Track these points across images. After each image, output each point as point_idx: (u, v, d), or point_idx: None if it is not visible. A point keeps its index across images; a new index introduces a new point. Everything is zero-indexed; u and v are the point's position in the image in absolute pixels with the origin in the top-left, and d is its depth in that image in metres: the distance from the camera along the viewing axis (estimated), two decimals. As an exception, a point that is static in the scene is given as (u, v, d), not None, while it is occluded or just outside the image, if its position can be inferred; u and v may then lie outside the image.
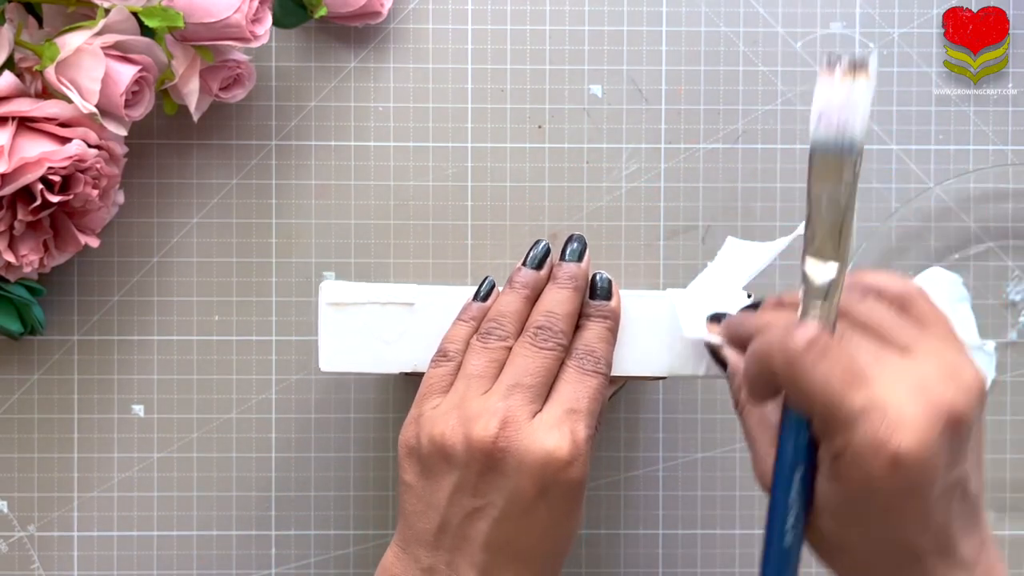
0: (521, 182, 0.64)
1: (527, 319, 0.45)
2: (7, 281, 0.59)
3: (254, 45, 0.57)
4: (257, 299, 0.64)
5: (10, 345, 0.64)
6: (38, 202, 0.54)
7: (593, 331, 0.45)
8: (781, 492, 0.37)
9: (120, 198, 0.61)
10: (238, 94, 0.61)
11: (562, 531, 0.41)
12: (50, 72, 0.53)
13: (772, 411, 0.39)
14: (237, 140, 0.64)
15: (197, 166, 0.64)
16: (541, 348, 0.43)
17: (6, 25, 0.54)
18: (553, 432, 0.40)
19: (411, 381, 0.50)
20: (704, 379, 0.50)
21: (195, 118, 0.60)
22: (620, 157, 0.64)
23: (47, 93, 0.55)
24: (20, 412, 0.64)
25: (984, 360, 0.64)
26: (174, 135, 0.64)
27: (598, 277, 0.47)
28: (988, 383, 0.38)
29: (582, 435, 0.40)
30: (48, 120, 0.54)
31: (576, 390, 0.42)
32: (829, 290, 0.37)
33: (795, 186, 0.64)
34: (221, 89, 0.60)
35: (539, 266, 0.48)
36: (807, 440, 0.36)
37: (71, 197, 0.55)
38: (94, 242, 0.59)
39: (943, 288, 0.64)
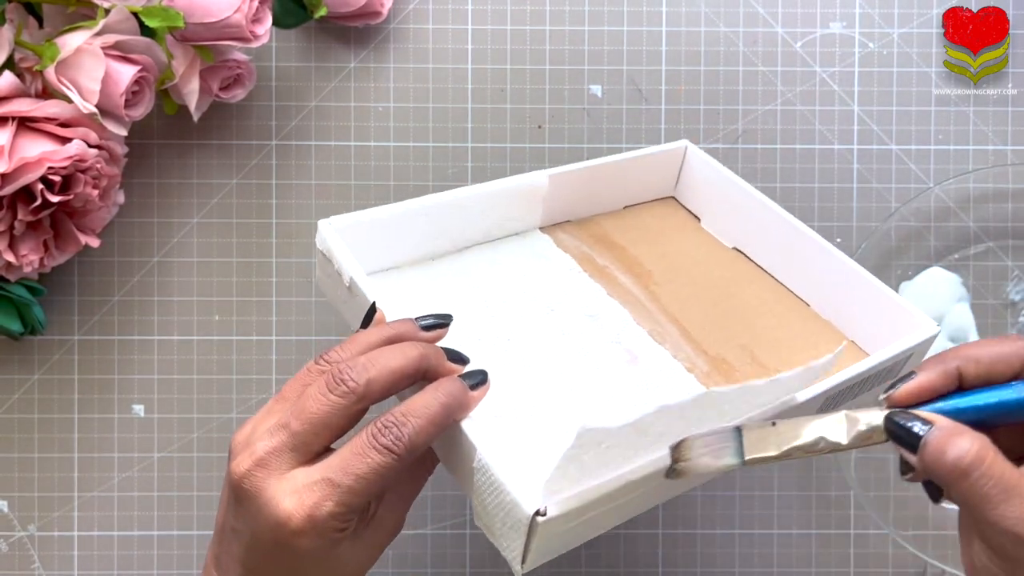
0: (521, 182, 0.64)
1: None
2: (7, 281, 0.59)
3: (254, 45, 0.57)
4: (257, 299, 0.64)
5: (10, 345, 0.64)
6: (38, 202, 0.54)
7: (420, 401, 0.39)
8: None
9: (120, 198, 0.61)
10: (238, 94, 0.61)
11: None
12: (50, 72, 0.53)
13: None
14: (237, 140, 0.64)
15: (197, 166, 0.64)
16: (329, 393, 0.38)
17: (6, 25, 0.54)
18: (293, 497, 0.37)
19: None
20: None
21: (195, 118, 0.60)
22: (620, 157, 0.65)
23: (47, 93, 0.55)
24: (20, 412, 0.64)
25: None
26: (174, 135, 0.64)
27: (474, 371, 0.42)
28: None
29: (324, 511, 0.37)
30: (48, 120, 0.54)
31: (348, 462, 0.37)
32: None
33: (795, 186, 0.64)
34: (221, 89, 0.60)
35: (429, 327, 0.43)
36: None
37: (71, 197, 0.55)
38: (94, 242, 0.59)
39: (943, 288, 0.64)
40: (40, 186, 0.54)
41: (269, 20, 0.58)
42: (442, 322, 0.43)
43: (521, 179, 0.55)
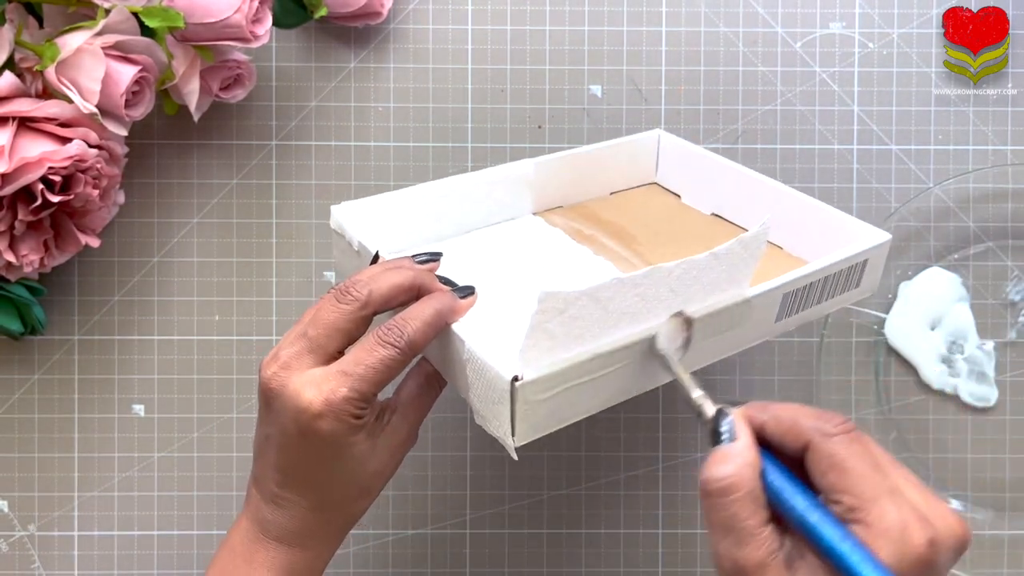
0: (521, 182, 0.64)
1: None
2: (8, 281, 0.59)
3: (254, 45, 0.57)
4: (257, 299, 0.64)
5: (11, 345, 0.64)
6: (39, 202, 0.54)
7: (417, 308, 0.45)
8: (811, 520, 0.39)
9: (120, 198, 0.61)
10: (238, 94, 0.61)
11: (338, 471, 0.45)
12: (50, 72, 0.53)
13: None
14: (237, 140, 0.64)
15: (197, 166, 0.64)
16: (337, 304, 0.45)
17: (7, 25, 0.54)
18: (312, 388, 0.43)
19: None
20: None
21: (195, 118, 0.60)
22: (620, 157, 0.65)
23: (47, 93, 0.55)
24: (21, 412, 0.64)
25: (984, 360, 0.64)
26: (174, 135, 0.64)
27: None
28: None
29: (339, 395, 0.43)
30: (48, 120, 0.54)
31: (360, 355, 0.44)
32: None
33: (795, 186, 0.64)
34: (221, 89, 0.60)
35: (423, 261, 0.49)
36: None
37: (71, 197, 0.55)
38: (94, 242, 0.59)
39: (943, 288, 0.64)
40: (40, 186, 0.54)
41: (269, 20, 0.58)
42: (434, 257, 0.50)
43: (510, 167, 0.59)
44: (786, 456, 0.40)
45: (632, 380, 0.46)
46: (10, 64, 0.54)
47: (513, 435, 0.43)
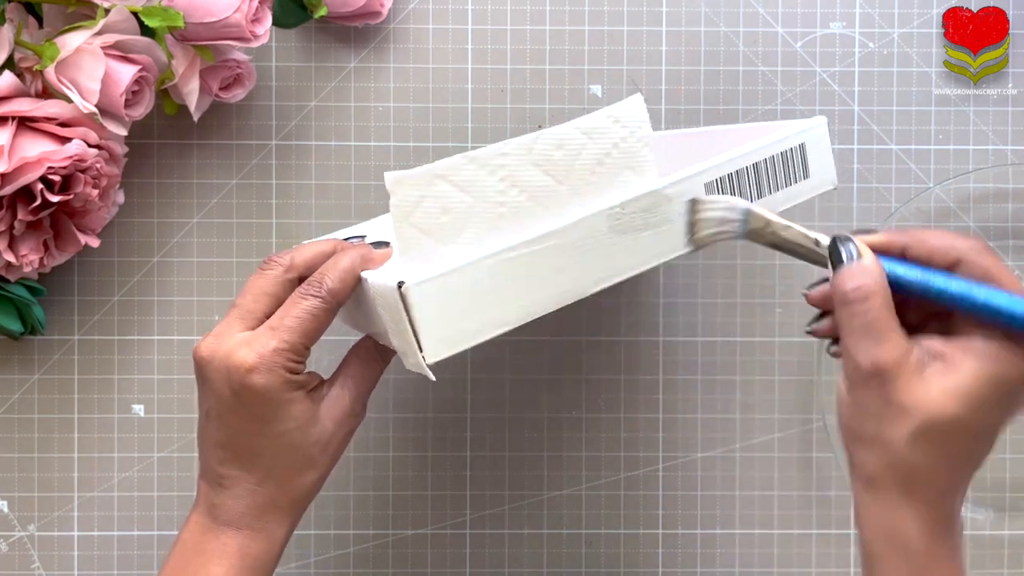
0: (521, 182, 0.64)
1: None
2: (7, 281, 0.59)
3: (254, 45, 0.57)
4: (257, 299, 0.64)
5: (10, 345, 0.64)
6: (38, 202, 0.54)
7: (335, 259, 0.47)
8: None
9: (120, 198, 0.61)
10: (238, 94, 0.61)
11: (277, 434, 0.45)
12: (50, 72, 0.53)
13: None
14: (237, 140, 0.64)
15: (197, 166, 0.64)
16: (262, 272, 0.47)
17: (6, 25, 0.54)
18: (244, 347, 0.44)
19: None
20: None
21: (195, 118, 0.60)
22: (620, 157, 0.64)
23: (47, 93, 0.55)
24: (20, 412, 0.64)
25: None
26: (174, 135, 0.64)
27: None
28: None
29: (269, 347, 0.44)
30: (48, 120, 0.54)
31: (286, 310, 0.45)
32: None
33: (795, 186, 0.64)
34: (221, 89, 0.60)
35: (349, 239, 0.51)
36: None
37: (71, 197, 0.55)
38: (94, 242, 0.59)
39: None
40: (40, 186, 0.54)
41: (269, 20, 0.58)
42: (359, 239, 0.51)
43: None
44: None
45: (549, 283, 0.44)
46: (10, 64, 0.54)
47: (421, 351, 0.42)
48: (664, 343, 0.65)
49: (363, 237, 0.52)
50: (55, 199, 0.54)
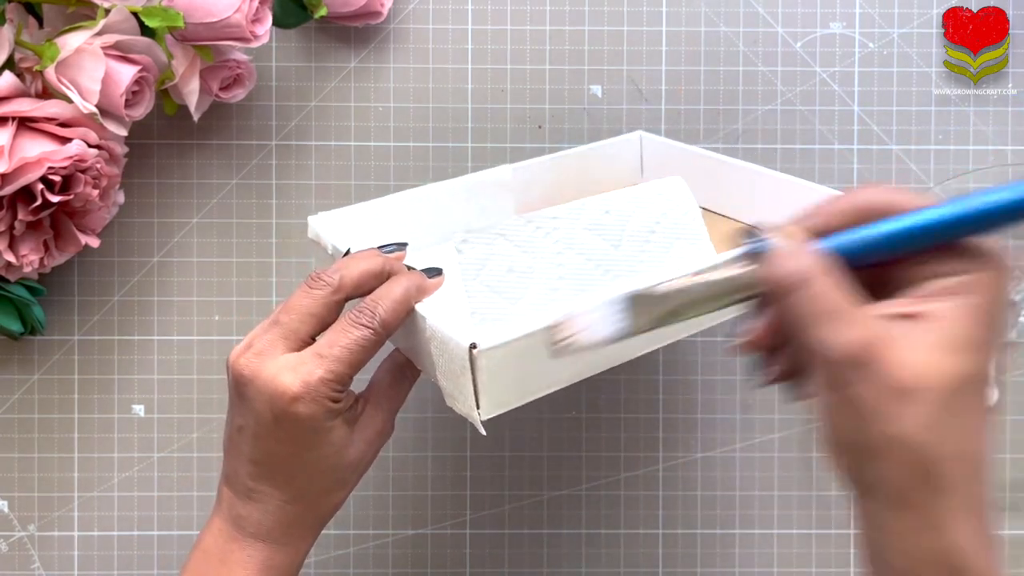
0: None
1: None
2: (7, 281, 0.59)
3: (254, 45, 0.57)
4: (257, 299, 0.64)
5: (10, 345, 0.64)
6: (38, 202, 0.54)
7: (388, 288, 0.45)
8: None
9: (120, 198, 0.61)
10: (238, 94, 0.61)
11: (314, 459, 0.45)
12: (50, 72, 0.53)
13: None
14: (237, 140, 0.64)
15: (197, 166, 0.64)
16: (310, 290, 0.45)
17: (6, 25, 0.54)
18: (288, 372, 0.43)
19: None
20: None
21: (195, 118, 0.60)
22: (620, 157, 0.65)
23: (47, 93, 0.55)
24: (20, 412, 0.64)
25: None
26: (174, 135, 0.64)
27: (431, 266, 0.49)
28: None
29: (315, 377, 0.43)
30: (48, 120, 0.54)
31: (334, 338, 0.44)
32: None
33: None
34: (221, 89, 0.60)
35: (390, 251, 0.50)
36: None
37: (71, 197, 0.55)
38: (94, 242, 0.59)
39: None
40: (40, 186, 0.54)
41: (269, 20, 0.58)
42: (401, 246, 0.50)
43: (487, 173, 0.59)
44: None
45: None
46: (10, 64, 0.54)
47: (478, 407, 0.42)
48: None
49: (405, 244, 0.51)
50: (55, 199, 0.54)
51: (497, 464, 0.65)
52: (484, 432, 0.43)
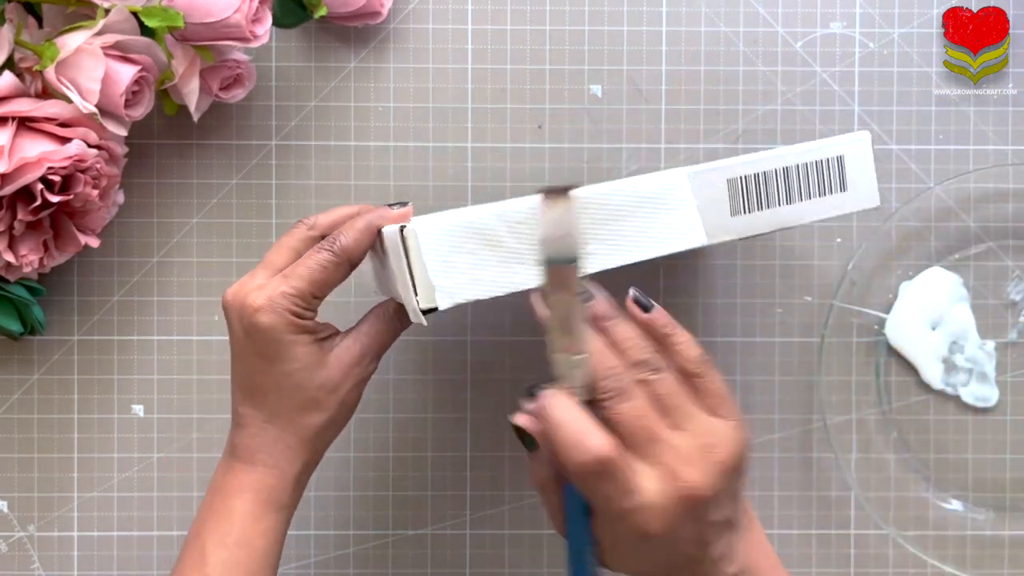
0: (521, 182, 0.64)
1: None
2: (7, 281, 0.59)
3: (254, 45, 0.57)
4: (257, 299, 0.64)
5: (10, 345, 0.64)
6: (38, 202, 0.54)
7: (352, 220, 0.50)
8: (575, 546, 0.44)
9: (120, 198, 0.61)
10: (238, 94, 0.61)
11: (282, 374, 0.49)
12: (50, 72, 0.53)
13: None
14: (237, 140, 0.64)
15: (197, 166, 0.64)
16: (292, 231, 0.51)
17: (6, 25, 0.54)
18: (256, 290, 0.49)
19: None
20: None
21: (195, 118, 0.60)
22: (620, 157, 0.64)
23: (47, 93, 0.55)
24: (20, 412, 0.64)
25: (984, 360, 0.64)
26: (174, 135, 0.64)
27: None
28: (746, 450, 0.45)
29: (278, 291, 0.48)
30: (48, 120, 0.54)
31: (301, 261, 0.49)
32: (579, 369, 0.43)
33: (795, 186, 0.64)
34: (221, 89, 0.60)
35: (390, 206, 0.53)
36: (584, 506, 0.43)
37: (71, 197, 0.55)
38: (94, 242, 0.59)
39: (943, 288, 0.64)
40: (40, 186, 0.54)
41: (269, 20, 0.58)
42: (403, 204, 0.53)
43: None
44: None
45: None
46: (10, 64, 0.54)
47: (416, 295, 0.45)
48: (664, 343, 0.65)
49: (407, 203, 0.53)
50: (55, 199, 0.54)
51: (497, 464, 0.65)
52: (425, 322, 0.46)
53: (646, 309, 0.45)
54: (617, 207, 0.48)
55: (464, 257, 0.46)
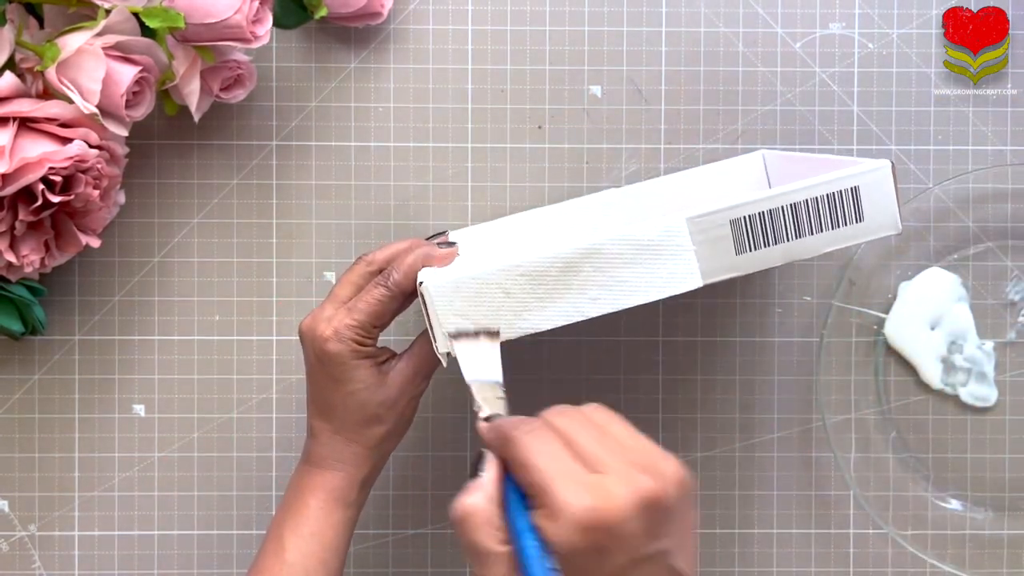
0: (521, 182, 0.64)
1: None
2: (8, 281, 0.59)
3: (255, 46, 0.57)
4: (257, 299, 0.64)
5: (11, 345, 0.64)
6: (39, 202, 0.54)
7: (403, 257, 0.55)
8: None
9: (121, 198, 0.61)
10: (239, 94, 0.61)
11: (347, 393, 0.54)
12: (51, 73, 0.53)
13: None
14: (238, 140, 0.64)
15: (198, 166, 0.64)
16: (353, 267, 0.56)
17: (7, 25, 0.54)
18: (324, 321, 0.54)
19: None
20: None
21: (196, 118, 0.60)
22: (620, 157, 0.65)
23: (48, 93, 0.55)
24: (21, 412, 0.64)
25: (983, 360, 0.65)
26: (175, 135, 0.64)
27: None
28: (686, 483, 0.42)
29: (343, 323, 0.53)
30: (49, 120, 0.54)
31: (361, 296, 0.54)
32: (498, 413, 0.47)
33: (795, 186, 0.64)
34: (222, 89, 0.60)
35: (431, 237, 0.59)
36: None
37: (72, 197, 0.55)
38: (95, 242, 0.59)
39: (943, 288, 0.64)
40: (41, 186, 0.54)
41: (269, 21, 0.58)
42: (440, 233, 0.61)
43: (594, 197, 0.63)
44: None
45: (560, 298, 0.50)
46: (11, 64, 0.54)
47: (435, 339, 0.50)
48: (664, 343, 0.65)
49: (445, 232, 0.61)
50: (56, 199, 0.55)
51: (497, 464, 0.65)
52: (445, 364, 0.51)
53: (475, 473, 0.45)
54: (617, 255, 0.49)
55: (476, 308, 0.50)
